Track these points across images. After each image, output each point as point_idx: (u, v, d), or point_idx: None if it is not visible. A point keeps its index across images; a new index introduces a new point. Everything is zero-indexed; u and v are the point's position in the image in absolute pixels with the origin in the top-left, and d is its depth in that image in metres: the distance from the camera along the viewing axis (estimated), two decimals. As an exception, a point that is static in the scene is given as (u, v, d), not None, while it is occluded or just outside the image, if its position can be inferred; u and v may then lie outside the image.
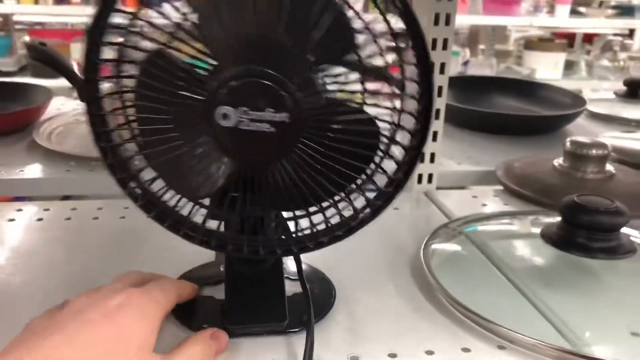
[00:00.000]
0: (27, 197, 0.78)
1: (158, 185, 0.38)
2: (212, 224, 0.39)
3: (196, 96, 0.32)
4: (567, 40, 3.66)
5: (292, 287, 0.47)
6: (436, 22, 0.67)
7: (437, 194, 0.74)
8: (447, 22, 0.67)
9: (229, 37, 0.32)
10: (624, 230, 0.52)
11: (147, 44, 0.34)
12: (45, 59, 0.94)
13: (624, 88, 1.16)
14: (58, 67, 0.93)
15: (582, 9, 3.24)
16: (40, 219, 0.62)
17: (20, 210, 0.64)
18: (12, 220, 0.62)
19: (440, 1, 0.66)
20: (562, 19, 3.04)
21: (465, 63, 2.98)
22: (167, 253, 0.55)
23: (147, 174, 0.38)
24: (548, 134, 0.98)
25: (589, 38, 4.10)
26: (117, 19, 0.33)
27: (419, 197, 0.73)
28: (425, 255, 0.53)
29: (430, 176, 0.75)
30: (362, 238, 0.56)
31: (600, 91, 1.19)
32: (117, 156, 0.37)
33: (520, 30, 4.48)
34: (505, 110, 1.05)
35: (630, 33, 4.72)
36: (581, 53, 3.34)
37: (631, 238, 0.52)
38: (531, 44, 3.16)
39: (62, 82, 0.78)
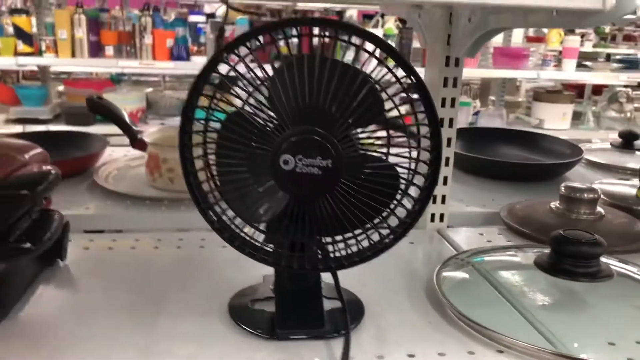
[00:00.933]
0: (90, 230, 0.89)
1: (229, 214, 0.50)
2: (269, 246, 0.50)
3: (266, 147, 0.43)
4: (576, 91, 3.80)
5: (328, 304, 0.57)
6: (445, 85, 0.79)
7: (447, 231, 0.84)
8: (455, 84, 0.79)
9: (290, 105, 0.43)
10: (604, 259, 0.62)
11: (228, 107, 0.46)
12: (103, 111, 1.08)
13: (619, 139, 1.27)
14: (114, 118, 1.07)
15: (588, 63, 3.38)
16: (110, 248, 0.74)
17: (92, 240, 0.76)
18: (87, 248, 0.73)
19: (449, 67, 0.79)
20: (569, 73, 3.18)
21: (476, 113, 3.12)
22: (218, 277, 0.67)
23: (220, 206, 0.50)
24: (548, 180, 1.09)
25: (598, 90, 4.24)
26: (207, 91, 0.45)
27: (432, 234, 0.84)
28: (438, 280, 0.63)
29: (441, 215, 0.85)
30: (384, 267, 0.68)
31: (607, 141, 1.28)
32: (200, 191, 0.48)
33: (531, 82, 4.63)
34: (509, 159, 1.16)
35: (639, 85, 4.86)
36: (589, 104, 3.46)
37: (610, 265, 0.62)
38: (540, 95, 3.29)
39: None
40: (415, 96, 0.44)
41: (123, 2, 3.72)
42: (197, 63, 2.92)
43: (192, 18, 2.86)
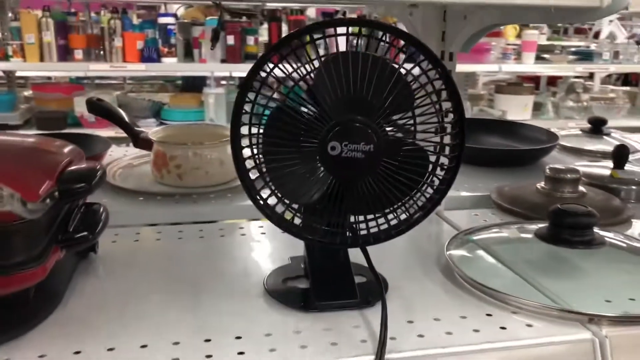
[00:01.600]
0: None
1: (272, 200, 0.55)
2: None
3: (314, 140, 0.49)
4: (533, 82, 3.95)
5: (356, 279, 0.63)
6: (441, 77, 0.85)
7: (445, 213, 0.91)
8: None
9: (334, 98, 0.49)
10: (597, 230, 0.69)
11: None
12: (103, 113, 1.11)
13: (588, 125, 1.37)
14: (114, 119, 1.10)
15: (546, 56, 3.53)
16: (136, 240, 0.78)
17: (116, 234, 0.79)
18: (114, 242, 0.77)
19: (443, 61, 0.85)
20: (529, 65, 3.31)
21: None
22: (246, 262, 0.72)
23: (265, 193, 0.55)
24: (528, 165, 1.17)
25: (552, 81, 4.41)
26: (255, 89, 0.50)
27: (431, 217, 0.90)
28: (448, 254, 0.70)
29: (439, 199, 0.92)
30: (394, 247, 0.74)
31: (567, 129, 1.37)
32: (249, 180, 0.53)
33: (488, 75, 4.78)
34: (490, 146, 1.24)
35: (591, 75, 5.07)
36: (547, 95, 3.62)
37: (602, 235, 0.70)
38: (501, 87, 3.43)
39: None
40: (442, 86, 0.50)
41: (84, 6, 3.68)
42: (168, 64, 2.94)
43: (162, 20, 2.87)
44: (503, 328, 0.57)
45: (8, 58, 2.79)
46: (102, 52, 2.92)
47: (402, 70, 0.50)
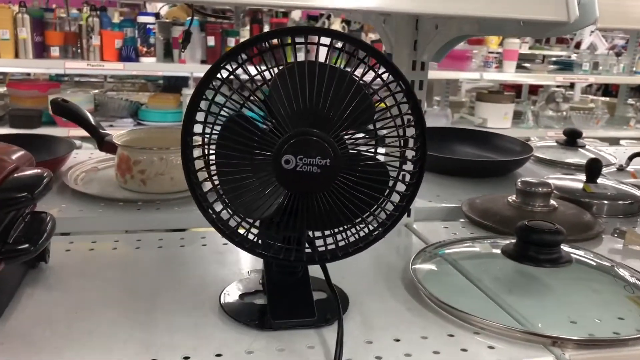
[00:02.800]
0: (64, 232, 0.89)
1: (225, 214, 0.52)
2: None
3: (267, 152, 0.47)
4: (514, 91, 3.98)
5: (314, 296, 0.60)
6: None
7: (415, 226, 0.89)
8: (421, 87, 0.84)
9: (291, 108, 0.47)
10: (564, 247, 0.68)
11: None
12: (68, 114, 1.07)
13: (564, 137, 1.36)
14: (80, 121, 1.07)
15: (527, 65, 3.55)
16: (91, 249, 0.75)
17: (71, 242, 0.76)
18: (68, 250, 0.74)
19: (415, 70, 0.83)
20: (509, 74, 3.33)
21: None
22: (204, 274, 0.69)
23: (219, 206, 0.52)
24: (502, 176, 1.16)
25: (534, 90, 4.44)
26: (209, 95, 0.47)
27: (400, 229, 0.89)
28: (413, 270, 0.68)
29: (409, 211, 0.90)
30: (359, 260, 0.71)
31: (545, 139, 1.37)
32: (200, 191, 0.50)
33: (471, 82, 4.80)
34: (465, 157, 1.23)
35: (571, 85, 5.12)
36: (527, 104, 3.63)
37: (570, 252, 0.68)
38: (482, 95, 3.43)
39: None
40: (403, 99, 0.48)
41: (64, 2, 3.62)
42: (147, 64, 2.89)
43: (141, 19, 2.82)
44: (464, 350, 0.55)
45: (-19, 53, 2.73)
46: (79, 50, 2.86)
47: (362, 83, 0.48)
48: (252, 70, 0.49)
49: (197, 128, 0.50)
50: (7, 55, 2.71)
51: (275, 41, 0.48)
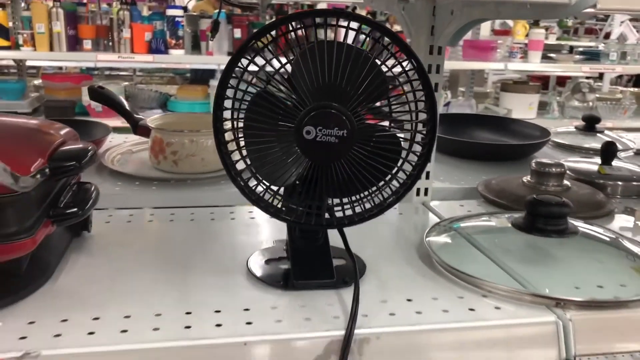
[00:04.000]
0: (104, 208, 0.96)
1: (253, 182, 0.58)
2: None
3: (290, 124, 0.52)
4: (542, 82, 3.96)
5: (335, 262, 0.65)
6: (429, 71, 0.87)
7: (431, 204, 0.93)
8: (438, 70, 0.88)
9: (312, 84, 0.52)
10: (571, 220, 0.72)
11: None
12: (104, 100, 1.14)
13: (583, 123, 1.38)
14: (115, 106, 1.13)
15: (552, 55, 3.53)
16: (129, 221, 0.81)
17: (110, 215, 0.82)
18: (108, 222, 0.80)
19: (432, 55, 0.88)
20: (534, 64, 3.32)
21: (447, 104, 3.24)
22: (232, 243, 0.74)
23: (247, 174, 0.58)
24: (519, 160, 1.19)
25: (562, 81, 4.41)
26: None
27: (417, 207, 0.93)
28: (427, 241, 0.72)
29: (426, 190, 0.94)
30: (377, 233, 0.76)
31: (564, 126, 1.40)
32: (230, 161, 0.56)
33: (498, 74, 4.79)
34: (483, 141, 1.26)
35: (600, 76, 5.06)
36: (553, 95, 3.62)
37: (576, 225, 0.72)
38: (507, 86, 3.43)
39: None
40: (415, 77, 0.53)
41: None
42: (175, 56, 2.97)
43: (170, 12, 2.90)
44: (472, 309, 0.59)
45: (19, 47, 2.83)
46: (110, 43, 2.96)
47: (377, 61, 0.53)
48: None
49: (227, 105, 0.55)
50: (43, 48, 2.81)
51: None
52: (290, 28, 0.51)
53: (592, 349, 0.58)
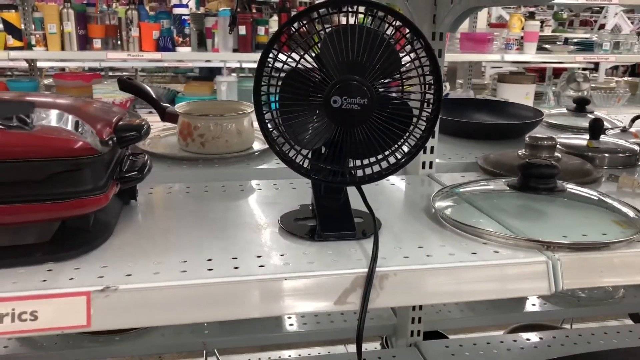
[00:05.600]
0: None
1: (286, 147, 0.68)
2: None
3: (320, 95, 0.62)
4: (538, 74, 4.06)
5: (355, 220, 0.76)
6: (432, 55, 0.98)
7: (436, 176, 1.04)
8: (440, 54, 0.98)
9: (337, 61, 0.62)
10: (561, 183, 0.82)
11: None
12: (133, 90, 1.24)
13: (573, 105, 1.49)
14: (143, 95, 1.24)
15: (547, 46, 3.63)
16: (169, 192, 0.91)
17: (152, 187, 0.93)
18: (150, 193, 0.90)
19: (435, 41, 0.98)
20: (530, 55, 3.42)
21: (446, 95, 3.34)
22: (262, 207, 0.85)
23: (281, 141, 0.68)
24: (514, 138, 1.30)
25: (558, 72, 4.51)
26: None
27: (423, 178, 1.03)
28: (433, 202, 0.82)
29: (430, 163, 1.05)
30: (388, 199, 0.86)
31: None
32: (267, 128, 0.66)
33: (495, 66, 4.89)
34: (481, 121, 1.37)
35: (596, 67, 5.16)
36: (549, 85, 3.72)
37: (563, 184, 0.82)
38: (504, 77, 3.53)
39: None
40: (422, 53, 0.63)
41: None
42: (183, 53, 3.08)
43: (177, 10, 3.00)
44: (474, 253, 0.70)
45: (31, 47, 2.94)
46: (119, 42, 3.06)
47: (392, 41, 0.63)
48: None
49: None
50: (55, 48, 2.91)
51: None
52: (321, 14, 0.62)
53: (576, 283, 0.69)
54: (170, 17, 3.02)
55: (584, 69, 4.26)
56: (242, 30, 3.04)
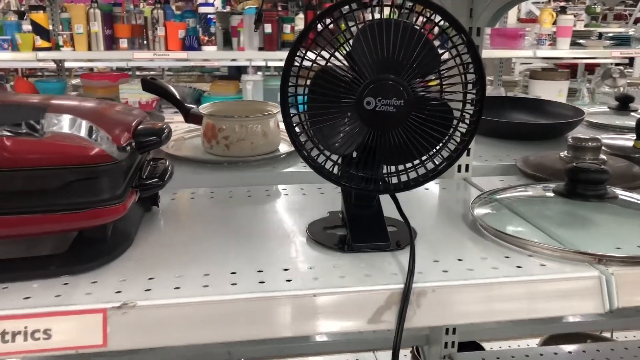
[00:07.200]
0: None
1: (315, 152, 0.63)
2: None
3: (352, 96, 0.57)
4: (570, 70, 3.94)
5: (388, 229, 0.71)
6: (469, 51, 0.92)
7: (473, 180, 0.98)
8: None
9: (370, 59, 0.57)
10: (611, 188, 0.76)
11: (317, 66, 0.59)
12: (157, 90, 1.21)
13: (616, 103, 1.41)
14: (167, 96, 1.20)
15: (581, 41, 3.52)
16: (192, 198, 0.87)
17: (175, 193, 0.89)
18: (174, 199, 0.87)
19: (471, 36, 0.92)
20: (563, 51, 3.32)
21: (476, 93, 3.26)
22: (289, 214, 0.80)
23: (309, 145, 0.63)
24: (554, 139, 1.23)
25: (590, 68, 4.38)
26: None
27: (459, 182, 0.98)
28: (472, 209, 0.77)
29: (467, 166, 0.99)
30: (423, 205, 0.81)
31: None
32: (295, 133, 0.61)
33: (525, 63, 4.77)
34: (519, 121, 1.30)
35: (630, 62, 5.00)
36: (583, 81, 3.60)
37: (614, 190, 0.76)
38: (536, 73, 3.43)
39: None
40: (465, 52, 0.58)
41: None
42: (208, 52, 3.05)
43: (202, 9, 2.98)
44: (519, 267, 0.64)
45: (59, 47, 2.95)
46: (145, 41, 3.05)
47: (430, 37, 0.58)
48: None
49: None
50: (81, 48, 2.92)
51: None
52: (352, 8, 0.57)
53: (635, 301, 0.63)
54: (196, 16, 3.00)
55: (617, 64, 4.12)
56: (268, 28, 3.00)
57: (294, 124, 0.62)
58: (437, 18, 0.58)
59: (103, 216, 0.58)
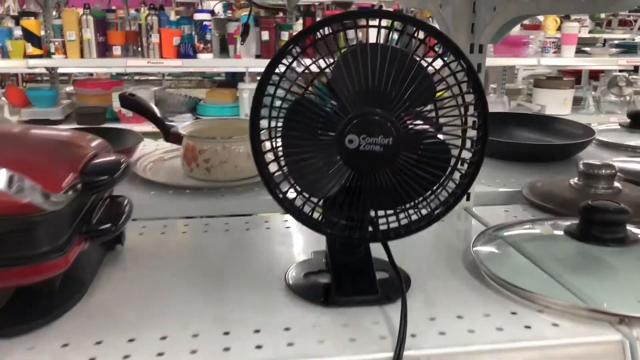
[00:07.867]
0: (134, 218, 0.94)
1: (293, 194, 0.55)
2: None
3: (331, 133, 0.48)
4: (574, 77, 3.85)
5: (377, 275, 0.62)
6: (470, 70, 0.83)
7: (474, 210, 0.89)
8: (479, 69, 0.84)
9: (352, 90, 0.48)
10: (631, 228, 0.67)
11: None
12: (135, 107, 1.12)
13: (628, 120, 1.32)
14: (146, 113, 1.12)
15: (587, 49, 3.43)
16: (163, 233, 0.79)
17: (144, 227, 0.80)
18: (141, 234, 0.78)
19: (473, 53, 0.83)
20: (568, 59, 3.23)
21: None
22: (269, 255, 0.72)
23: (285, 186, 0.55)
24: (563, 160, 1.14)
25: (595, 75, 4.29)
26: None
27: (459, 212, 0.89)
28: (475, 252, 0.68)
29: (468, 195, 0.90)
30: (420, 243, 0.73)
31: (607, 124, 1.34)
32: (267, 173, 0.53)
33: (528, 69, 4.68)
34: (523, 141, 1.21)
35: (636, 69, 4.91)
36: (588, 89, 3.51)
37: (636, 233, 0.67)
38: (540, 82, 3.34)
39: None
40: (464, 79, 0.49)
41: (123, 2, 3.75)
42: (204, 60, 2.97)
43: (198, 16, 2.90)
44: (528, 327, 0.55)
45: (50, 55, 2.87)
46: (139, 49, 2.97)
47: (423, 63, 0.49)
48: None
49: (264, 113, 0.53)
50: (74, 56, 2.84)
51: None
52: (330, 31, 0.48)
53: (661, 369, 0.54)
54: (192, 23, 2.92)
55: (622, 71, 4.03)
56: (265, 35, 2.92)
57: (267, 162, 0.53)
58: (436, 44, 0.49)
59: (40, 272, 0.50)
